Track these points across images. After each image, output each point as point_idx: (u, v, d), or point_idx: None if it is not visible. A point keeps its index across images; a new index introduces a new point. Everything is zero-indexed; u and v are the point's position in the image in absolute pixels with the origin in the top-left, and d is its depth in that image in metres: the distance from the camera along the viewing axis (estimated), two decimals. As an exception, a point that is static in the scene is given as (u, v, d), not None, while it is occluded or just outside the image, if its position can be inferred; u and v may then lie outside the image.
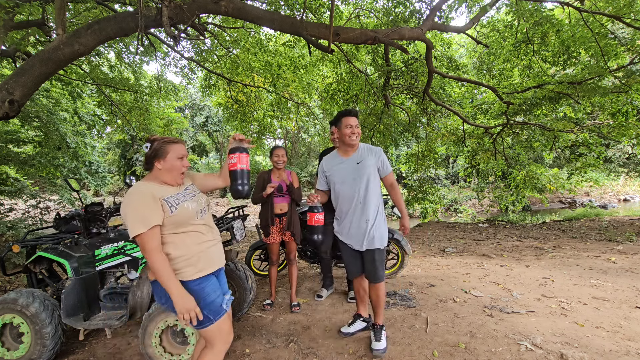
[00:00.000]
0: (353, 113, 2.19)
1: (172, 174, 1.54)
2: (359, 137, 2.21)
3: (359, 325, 2.42)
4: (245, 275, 2.74)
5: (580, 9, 5.16)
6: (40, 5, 4.10)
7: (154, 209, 1.40)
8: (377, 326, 2.24)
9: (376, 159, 2.20)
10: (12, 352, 2.22)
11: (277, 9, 5.00)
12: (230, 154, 1.61)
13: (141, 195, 1.41)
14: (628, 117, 6.28)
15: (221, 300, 1.54)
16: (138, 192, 1.42)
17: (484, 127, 8.15)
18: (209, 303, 1.48)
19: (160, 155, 1.51)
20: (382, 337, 2.20)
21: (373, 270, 2.18)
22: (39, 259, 2.46)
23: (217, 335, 1.51)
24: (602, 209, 13.84)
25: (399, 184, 22.41)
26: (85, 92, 8.10)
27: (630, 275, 3.62)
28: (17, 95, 2.85)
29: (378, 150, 2.24)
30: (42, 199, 7.68)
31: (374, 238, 2.15)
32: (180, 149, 1.55)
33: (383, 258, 2.21)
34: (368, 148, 2.25)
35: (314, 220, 2.17)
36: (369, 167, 2.16)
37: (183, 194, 1.56)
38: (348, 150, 2.24)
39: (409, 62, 6.36)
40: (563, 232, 7.31)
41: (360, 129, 2.23)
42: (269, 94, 8.41)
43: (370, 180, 2.15)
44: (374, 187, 2.16)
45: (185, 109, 23.61)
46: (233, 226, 2.60)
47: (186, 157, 1.60)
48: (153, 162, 1.52)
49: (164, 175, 1.53)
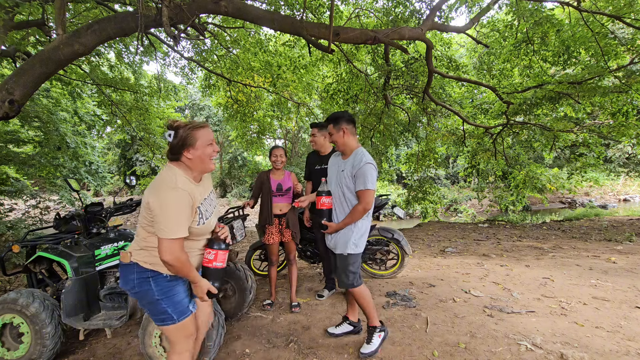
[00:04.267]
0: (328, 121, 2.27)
1: (204, 163, 1.45)
2: None
3: (345, 328, 2.40)
4: (245, 275, 2.74)
5: (581, 9, 5.16)
6: (40, 5, 4.10)
7: (189, 218, 1.37)
8: (369, 327, 2.21)
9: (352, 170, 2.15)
10: (12, 352, 2.22)
11: (277, 9, 4.99)
12: (208, 248, 1.54)
13: (183, 199, 1.34)
14: (628, 117, 6.28)
15: (188, 301, 1.51)
16: (180, 192, 1.33)
17: (484, 127, 8.14)
18: (175, 302, 1.45)
19: (189, 143, 1.40)
20: (373, 340, 2.15)
21: (337, 275, 2.20)
22: (39, 259, 2.46)
23: (177, 335, 1.48)
24: (602, 209, 13.83)
25: (399, 184, 22.21)
26: (85, 92, 8.11)
27: (630, 275, 3.62)
28: (17, 95, 2.85)
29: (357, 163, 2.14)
30: (42, 199, 7.70)
31: (337, 242, 2.16)
32: (208, 133, 1.45)
33: (346, 265, 2.12)
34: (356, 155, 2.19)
35: (320, 203, 2.18)
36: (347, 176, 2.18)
37: (210, 202, 1.54)
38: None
39: (409, 62, 6.36)
40: (563, 232, 7.31)
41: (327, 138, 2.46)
42: (269, 94, 8.41)
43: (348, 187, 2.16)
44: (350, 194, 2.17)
45: (185, 109, 23.61)
46: (233, 226, 2.60)
47: (214, 142, 1.49)
48: (182, 152, 1.41)
49: (195, 165, 1.44)
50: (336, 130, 2.16)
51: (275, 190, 2.89)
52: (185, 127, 1.41)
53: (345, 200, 2.15)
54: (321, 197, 2.18)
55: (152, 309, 1.45)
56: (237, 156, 22.02)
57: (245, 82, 7.40)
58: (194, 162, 1.43)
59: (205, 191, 1.53)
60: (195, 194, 1.41)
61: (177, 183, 1.36)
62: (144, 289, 1.42)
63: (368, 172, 2.03)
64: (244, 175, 21.66)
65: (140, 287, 1.42)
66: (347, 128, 2.15)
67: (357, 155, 2.14)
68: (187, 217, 1.35)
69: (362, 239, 2.15)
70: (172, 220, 1.30)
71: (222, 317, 2.12)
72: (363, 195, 2.05)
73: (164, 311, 1.42)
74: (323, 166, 2.92)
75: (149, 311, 1.49)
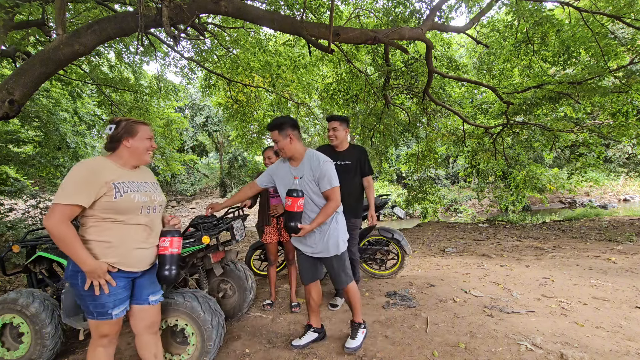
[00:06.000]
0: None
1: (138, 153, 1.59)
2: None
3: (309, 337, 2.30)
4: (245, 275, 2.74)
5: (581, 9, 5.16)
6: (40, 5, 4.09)
7: (88, 189, 1.41)
8: (354, 324, 2.26)
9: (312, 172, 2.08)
10: (12, 352, 2.22)
11: (277, 9, 4.99)
12: (162, 237, 1.65)
13: (87, 170, 1.43)
14: (628, 117, 6.28)
15: (112, 305, 1.50)
16: (88, 165, 1.44)
17: (484, 127, 8.14)
18: (97, 301, 1.47)
19: (129, 133, 1.56)
20: (358, 335, 2.21)
21: (335, 276, 2.19)
22: (39, 259, 2.46)
23: (94, 331, 1.54)
24: (602, 209, 13.83)
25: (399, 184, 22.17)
26: (85, 92, 8.10)
27: (630, 275, 3.62)
28: (17, 95, 2.84)
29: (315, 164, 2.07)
30: (42, 199, 7.69)
31: (327, 246, 2.12)
32: (148, 130, 1.62)
33: (342, 263, 2.17)
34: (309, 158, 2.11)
35: (296, 205, 1.97)
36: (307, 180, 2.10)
37: (137, 184, 1.57)
38: None
39: (409, 62, 6.36)
40: (563, 232, 7.31)
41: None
42: (268, 94, 8.41)
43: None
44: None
45: (185, 109, 23.58)
46: (233, 226, 2.60)
47: (153, 139, 1.66)
48: (120, 141, 1.56)
49: (131, 155, 1.58)
50: (282, 136, 2.04)
51: (273, 191, 2.89)
52: (128, 121, 1.58)
53: (315, 205, 2.10)
54: (298, 198, 1.96)
55: (80, 302, 1.53)
56: (237, 156, 22.02)
57: (245, 82, 7.40)
58: (131, 150, 1.57)
59: (135, 176, 1.60)
60: (110, 172, 1.49)
61: (92, 160, 1.49)
62: (73, 282, 1.49)
63: (329, 170, 2.05)
64: (244, 175, 21.66)
65: (71, 279, 1.49)
66: (292, 134, 2.05)
67: (312, 157, 2.09)
68: (84, 187, 1.39)
69: (345, 234, 2.22)
70: (65, 186, 1.38)
71: (222, 317, 2.12)
72: (331, 193, 2.05)
73: (87, 306, 1.50)
74: (341, 162, 2.85)
75: (79, 303, 1.57)
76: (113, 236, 1.49)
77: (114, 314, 1.51)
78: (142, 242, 1.58)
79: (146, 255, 1.61)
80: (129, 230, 1.53)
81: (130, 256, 1.53)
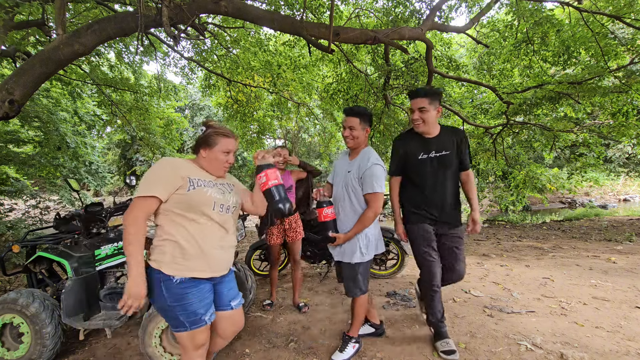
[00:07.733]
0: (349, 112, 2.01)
1: (213, 166, 1.53)
2: (354, 141, 2.00)
3: (366, 329, 2.34)
4: (245, 275, 2.74)
5: (581, 9, 5.16)
6: (40, 5, 4.09)
7: (166, 181, 1.37)
8: (346, 336, 2.15)
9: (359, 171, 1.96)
10: (12, 352, 2.22)
11: (277, 9, 4.99)
12: (257, 174, 1.52)
13: (166, 164, 1.41)
14: (628, 117, 6.27)
15: (204, 311, 1.43)
16: (169, 160, 1.43)
17: (484, 127, 8.14)
18: (188, 311, 1.39)
19: (207, 144, 1.50)
20: (347, 349, 2.09)
21: (344, 282, 2.07)
22: (39, 259, 2.46)
23: (188, 343, 1.44)
24: (602, 209, 13.83)
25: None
26: (85, 92, 8.10)
27: (630, 275, 3.62)
28: (17, 95, 2.84)
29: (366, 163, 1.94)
30: (42, 199, 7.70)
31: (344, 250, 2.01)
32: (229, 143, 1.52)
33: (354, 274, 1.99)
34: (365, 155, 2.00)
35: (322, 215, 1.97)
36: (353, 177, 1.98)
37: (213, 182, 1.51)
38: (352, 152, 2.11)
39: (409, 62, 6.35)
40: (563, 232, 7.31)
41: (357, 132, 1.99)
42: (269, 94, 8.41)
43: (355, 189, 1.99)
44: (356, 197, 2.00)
45: (185, 109, 23.58)
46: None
47: (233, 152, 1.56)
48: (199, 149, 1.52)
49: (206, 165, 1.53)
50: (362, 127, 1.97)
51: None
52: (214, 128, 1.52)
53: (351, 205, 1.98)
54: (322, 208, 1.96)
55: (165, 315, 1.44)
56: (237, 156, 22.02)
57: (245, 82, 7.40)
58: (206, 161, 1.52)
59: (212, 177, 1.54)
60: (188, 169, 1.45)
61: (170, 157, 1.49)
62: (156, 293, 1.39)
63: (376, 174, 1.87)
64: (244, 175, 21.66)
65: (153, 290, 1.39)
66: (368, 128, 2.01)
67: (365, 155, 1.98)
68: (162, 179, 1.37)
69: (370, 246, 1.99)
70: (146, 180, 1.36)
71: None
72: (372, 199, 1.89)
73: (176, 317, 1.40)
74: (435, 154, 2.09)
75: (162, 315, 1.47)
76: (188, 236, 1.40)
77: (207, 318, 1.44)
78: (218, 240, 1.48)
79: (224, 258, 1.52)
80: (204, 229, 1.44)
81: (205, 258, 1.43)
